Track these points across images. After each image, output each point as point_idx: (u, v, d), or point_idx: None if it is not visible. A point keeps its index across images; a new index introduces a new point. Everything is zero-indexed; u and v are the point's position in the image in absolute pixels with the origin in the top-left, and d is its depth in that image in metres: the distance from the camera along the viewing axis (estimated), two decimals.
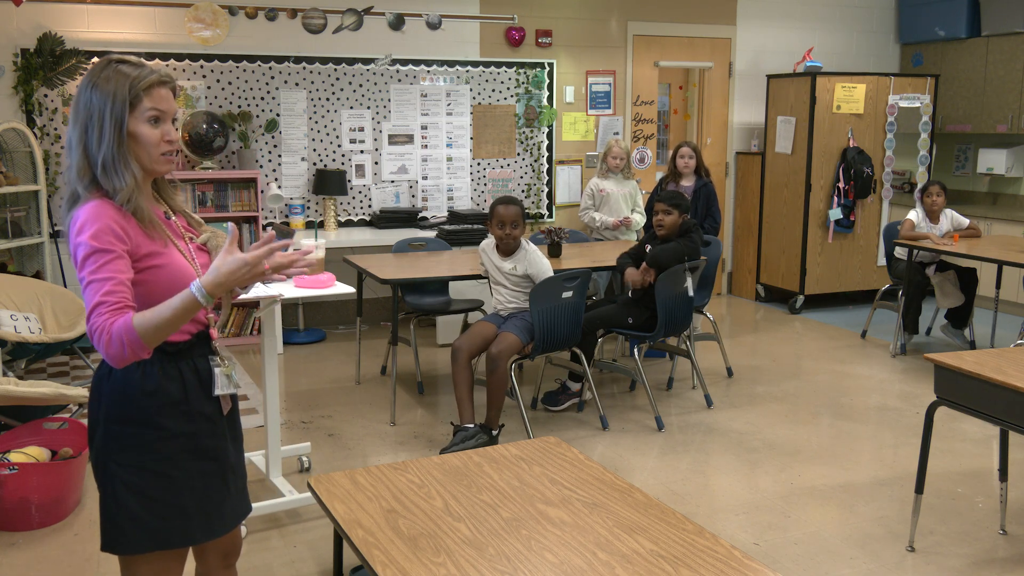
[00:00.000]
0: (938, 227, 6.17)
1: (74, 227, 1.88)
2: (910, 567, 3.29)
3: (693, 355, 5.24)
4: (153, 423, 1.98)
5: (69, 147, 1.95)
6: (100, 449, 1.98)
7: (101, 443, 1.97)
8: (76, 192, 1.94)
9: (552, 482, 2.44)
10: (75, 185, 1.94)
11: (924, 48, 8.34)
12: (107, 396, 1.97)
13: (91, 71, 1.96)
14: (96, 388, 2.00)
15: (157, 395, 1.98)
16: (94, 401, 2.00)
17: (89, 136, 1.92)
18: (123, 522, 1.98)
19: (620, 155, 6.23)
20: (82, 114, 1.92)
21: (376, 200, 6.90)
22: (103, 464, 1.98)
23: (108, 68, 1.94)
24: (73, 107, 1.94)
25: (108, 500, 1.98)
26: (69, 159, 1.94)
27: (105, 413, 1.97)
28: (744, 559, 2.01)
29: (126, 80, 1.93)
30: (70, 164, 1.94)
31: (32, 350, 4.88)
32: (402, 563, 2.00)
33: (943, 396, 3.21)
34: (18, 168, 5.76)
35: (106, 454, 1.97)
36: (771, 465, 4.24)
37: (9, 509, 3.47)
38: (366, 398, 5.22)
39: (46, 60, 5.88)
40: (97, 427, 1.99)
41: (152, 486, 1.98)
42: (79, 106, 1.93)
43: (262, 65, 6.44)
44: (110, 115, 1.91)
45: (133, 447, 1.96)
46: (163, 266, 1.95)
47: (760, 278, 7.89)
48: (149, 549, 2.00)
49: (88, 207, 1.89)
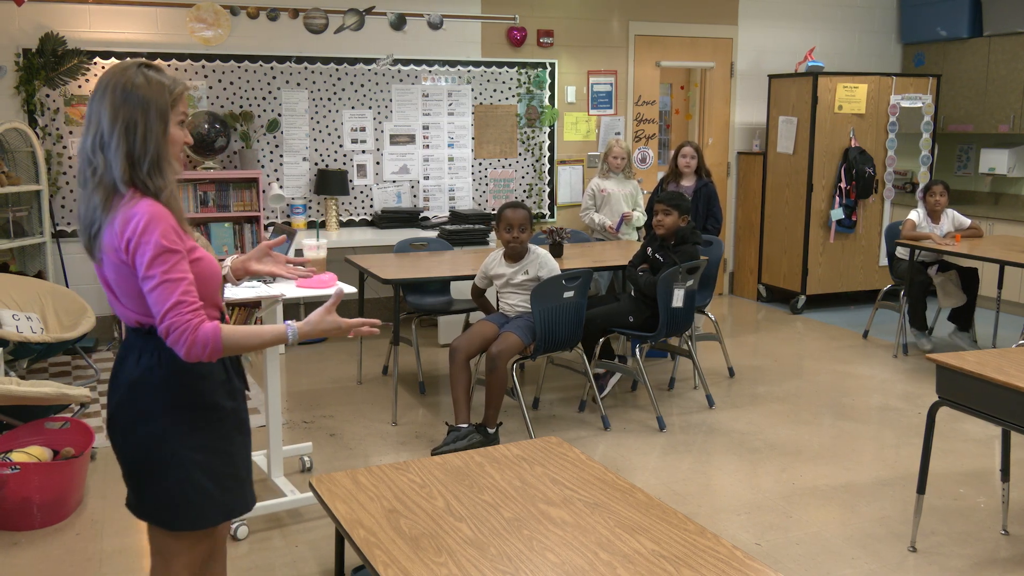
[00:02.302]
0: (939, 227, 6.16)
1: (134, 225, 1.94)
2: (912, 567, 3.29)
3: (695, 355, 5.23)
4: (211, 404, 2.10)
5: (102, 147, 1.99)
6: (162, 438, 2.05)
7: (164, 432, 2.05)
8: (115, 189, 1.99)
9: (554, 482, 2.44)
10: (114, 182, 1.98)
11: (926, 48, 8.34)
12: (162, 387, 2.05)
13: (118, 76, 2.02)
14: (142, 383, 2.06)
15: (209, 378, 2.10)
16: (144, 395, 2.06)
17: (133, 136, 1.98)
18: (198, 500, 2.08)
19: (621, 155, 6.23)
20: (122, 115, 1.98)
21: (378, 200, 6.91)
22: (171, 451, 2.05)
23: (139, 73, 2.02)
24: (107, 109, 1.99)
25: (181, 483, 2.07)
26: (101, 157, 1.99)
27: (164, 403, 2.05)
28: (746, 559, 2.01)
29: (164, 86, 2.04)
30: (107, 162, 1.98)
31: (34, 350, 4.89)
32: (404, 563, 2.01)
33: (945, 396, 3.21)
34: (20, 168, 5.76)
35: (175, 440, 2.06)
36: (773, 465, 4.24)
37: (11, 509, 3.48)
38: (368, 398, 5.22)
39: (48, 60, 5.88)
40: (154, 418, 2.05)
41: (219, 463, 2.11)
42: (116, 108, 1.99)
43: (264, 65, 6.44)
44: (157, 118, 2.01)
45: (200, 429, 2.08)
46: (201, 259, 2.06)
47: (762, 278, 7.88)
48: (221, 521, 2.14)
49: (145, 206, 1.97)
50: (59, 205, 6.05)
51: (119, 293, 2.05)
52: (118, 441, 2.12)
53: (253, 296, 3.39)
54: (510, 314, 4.64)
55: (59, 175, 6.02)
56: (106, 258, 2.01)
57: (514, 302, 4.62)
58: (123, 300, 2.06)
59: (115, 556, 3.34)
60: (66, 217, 6.08)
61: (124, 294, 2.04)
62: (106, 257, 2.01)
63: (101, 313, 6.08)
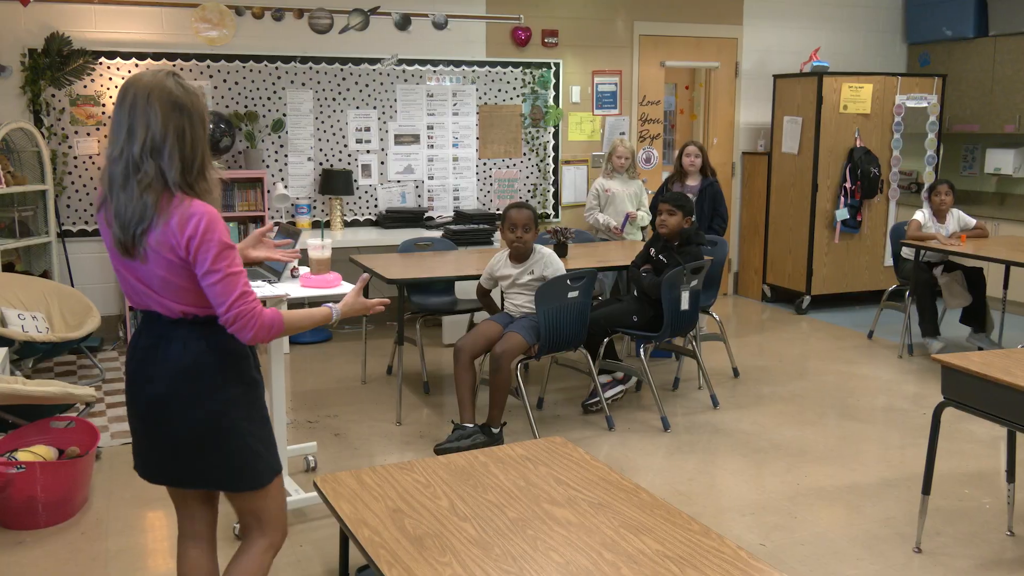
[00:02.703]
0: (945, 227, 6.15)
1: (195, 224, 2.10)
2: (917, 568, 3.28)
3: (699, 355, 5.23)
4: (251, 380, 2.33)
5: (153, 153, 2.11)
6: (223, 412, 2.25)
7: (223, 407, 2.25)
8: (167, 192, 2.12)
9: (558, 482, 2.44)
10: (167, 186, 2.12)
11: (931, 48, 8.32)
12: (216, 368, 2.24)
13: (158, 86, 2.13)
14: (198, 366, 2.22)
15: (248, 357, 2.33)
16: (200, 376, 2.22)
17: (183, 143, 2.13)
18: (253, 462, 2.31)
19: (625, 155, 6.23)
20: (172, 123, 2.12)
21: (382, 200, 6.91)
22: (230, 423, 2.26)
23: (177, 84, 2.16)
24: (158, 117, 2.11)
25: (240, 449, 2.29)
26: (152, 163, 2.11)
27: (220, 382, 2.25)
28: (750, 560, 2.01)
29: (198, 96, 2.20)
30: (160, 168, 2.11)
31: (39, 349, 4.90)
32: (408, 563, 2.01)
33: (950, 397, 3.20)
34: (25, 168, 5.77)
35: (232, 413, 2.27)
36: (777, 466, 4.24)
37: (16, 508, 3.48)
38: (372, 398, 5.22)
39: (53, 60, 5.89)
40: (213, 396, 2.24)
41: (263, 429, 2.36)
42: (167, 117, 2.12)
43: (268, 65, 6.45)
44: (200, 125, 2.18)
45: (249, 403, 2.31)
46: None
47: (766, 278, 7.87)
48: (271, 479, 2.37)
49: (201, 207, 2.13)
50: (64, 205, 6.06)
51: (165, 287, 2.17)
52: (175, 421, 2.23)
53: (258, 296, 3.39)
54: (515, 314, 4.64)
55: (64, 175, 6.03)
56: (154, 255, 2.12)
57: (520, 302, 4.62)
58: (168, 294, 2.18)
59: (120, 555, 3.35)
60: (71, 217, 6.09)
61: (173, 288, 2.17)
62: (154, 254, 2.12)
63: (106, 313, 6.10)
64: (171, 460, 2.28)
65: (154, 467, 2.32)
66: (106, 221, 2.20)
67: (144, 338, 2.27)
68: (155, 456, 2.30)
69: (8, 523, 3.52)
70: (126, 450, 4.26)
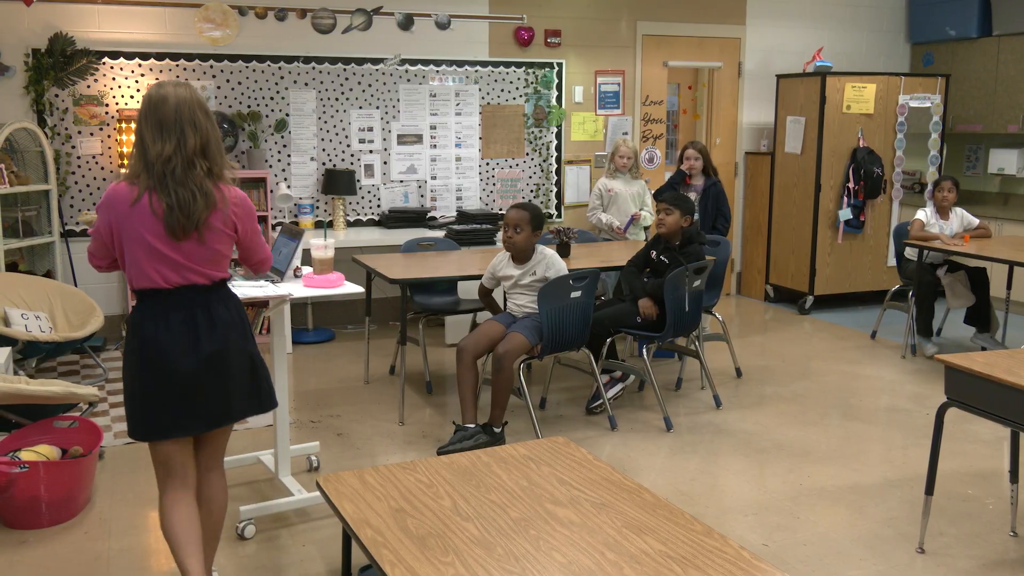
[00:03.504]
0: (948, 225, 6.14)
1: (243, 202, 2.75)
2: (920, 569, 3.28)
3: (702, 355, 5.23)
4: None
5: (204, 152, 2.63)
6: (256, 350, 2.84)
7: (255, 346, 2.84)
8: (213, 176, 2.65)
9: (561, 482, 2.44)
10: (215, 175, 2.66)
11: (935, 48, 8.31)
12: (246, 318, 2.83)
13: (196, 95, 2.65)
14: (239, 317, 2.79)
15: None
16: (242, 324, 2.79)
17: (218, 142, 2.68)
18: (271, 385, 2.92)
19: (627, 155, 6.23)
20: (211, 128, 2.65)
21: (385, 200, 6.91)
22: (260, 356, 2.86)
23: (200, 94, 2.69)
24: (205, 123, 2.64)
25: (268, 374, 2.88)
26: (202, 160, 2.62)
27: (249, 327, 2.83)
28: (753, 560, 2.01)
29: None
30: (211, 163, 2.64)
31: (43, 349, 4.91)
32: (410, 562, 2.01)
33: (953, 397, 3.20)
34: (29, 168, 5.78)
35: (256, 348, 2.85)
36: (780, 466, 4.23)
37: (19, 507, 3.49)
38: (375, 397, 5.23)
39: (57, 60, 5.90)
40: (250, 338, 2.82)
41: None
42: (211, 122, 2.66)
43: (272, 65, 6.45)
44: (217, 126, 2.71)
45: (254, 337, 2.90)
46: None
47: (769, 278, 7.87)
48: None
49: (238, 190, 2.75)
50: (68, 205, 6.07)
51: (215, 258, 2.69)
52: (234, 364, 2.74)
53: (261, 296, 3.40)
54: (518, 314, 4.64)
55: (68, 175, 6.04)
56: (211, 234, 2.64)
57: (522, 303, 4.62)
58: (213, 265, 2.70)
59: (123, 555, 3.35)
60: (75, 217, 6.10)
61: (220, 258, 2.71)
62: (211, 233, 2.64)
63: (109, 312, 6.10)
64: (227, 401, 2.74)
65: (204, 418, 2.73)
66: (152, 211, 2.57)
67: (179, 312, 2.66)
68: (213, 405, 2.72)
69: (11, 523, 3.53)
70: (129, 450, 4.27)
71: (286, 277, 3.62)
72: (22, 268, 5.84)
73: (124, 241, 2.63)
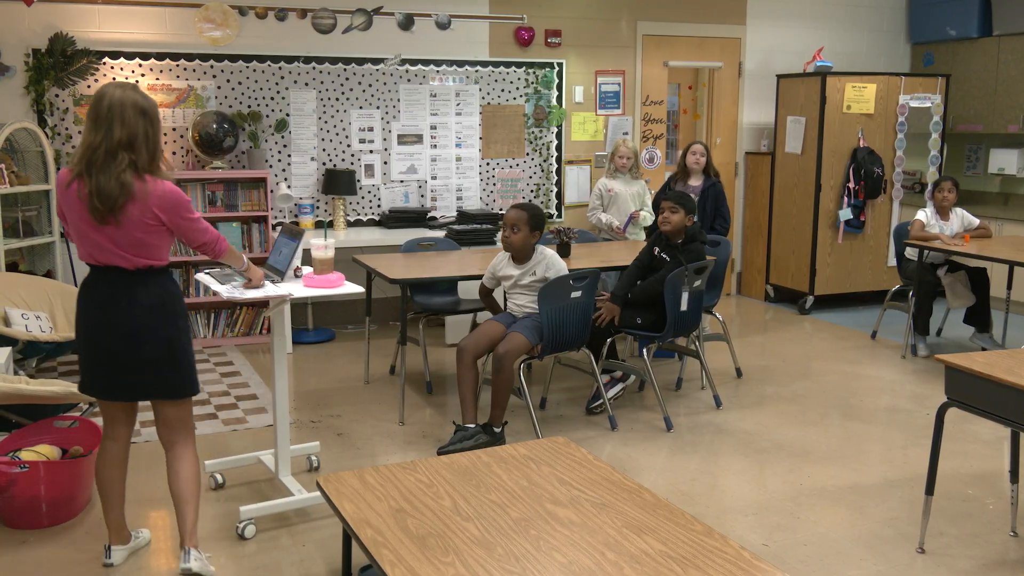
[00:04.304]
0: (949, 225, 6.14)
1: (171, 195, 2.92)
2: (920, 569, 3.28)
3: (702, 355, 5.23)
4: (185, 312, 3.13)
5: (130, 146, 2.85)
6: (176, 337, 3.03)
7: (176, 333, 3.03)
8: (138, 173, 2.86)
9: (561, 482, 2.44)
10: (138, 168, 2.87)
11: (935, 48, 8.31)
12: (170, 304, 3.02)
13: (133, 95, 2.89)
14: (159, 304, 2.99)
15: (182, 295, 3.13)
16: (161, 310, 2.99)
17: (149, 140, 2.89)
18: (194, 376, 3.12)
19: (627, 155, 6.23)
20: (141, 125, 2.87)
21: (385, 200, 6.91)
22: (181, 345, 3.05)
23: (142, 95, 2.91)
24: (133, 119, 2.85)
25: (188, 366, 3.08)
26: (126, 154, 2.84)
27: (173, 314, 3.03)
28: (753, 560, 2.01)
29: (155, 104, 2.97)
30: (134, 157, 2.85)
31: (43, 349, 4.91)
32: (411, 562, 2.01)
33: (954, 397, 3.20)
34: (29, 168, 5.78)
35: (183, 337, 3.06)
36: (780, 466, 4.23)
37: (20, 507, 3.49)
38: (375, 397, 5.23)
39: (57, 60, 5.90)
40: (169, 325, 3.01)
41: (193, 353, 3.15)
42: (138, 119, 2.86)
43: (272, 65, 6.45)
44: (159, 127, 2.95)
45: (188, 331, 3.12)
46: None
47: (770, 278, 7.87)
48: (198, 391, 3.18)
49: (169, 184, 2.94)
50: None
51: (136, 245, 2.91)
52: (139, 347, 2.97)
53: (261, 296, 3.40)
54: (518, 314, 4.64)
55: None
56: (130, 221, 2.86)
57: (522, 303, 4.62)
58: (135, 251, 2.92)
59: None
60: None
61: (143, 245, 2.92)
62: (130, 221, 2.86)
63: None
64: (138, 377, 3.00)
65: (120, 388, 3.03)
66: (78, 195, 2.88)
67: (102, 289, 2.97)
68: (125, 378, 3.00)
69: (11, 522, 3.53)
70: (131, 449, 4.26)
71: (286, 277, 3.62)
72: (22, 268, 5.84)
73: (67, 220, 3.02)
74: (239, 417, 4.83)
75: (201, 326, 6.29)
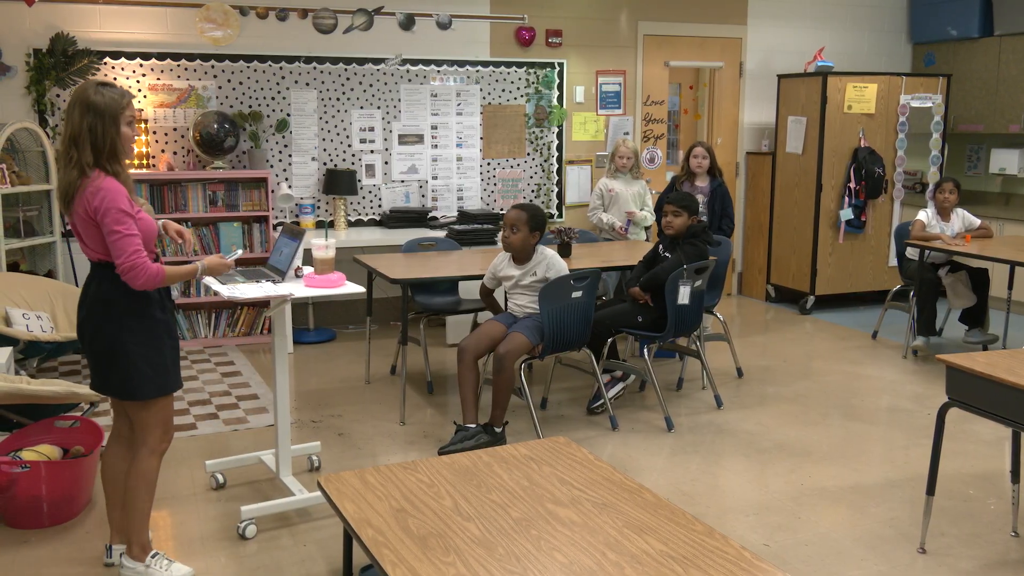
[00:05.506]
0: (950, 226, 6.14)
1: (101, 196, 2.82)
2: (921, 569, 3.28)
3: (703, 355, 5.23)
4: (153, 317, 3.00)
5: (75, 143, 2.86)
6: (117, 336, 2.93)
7: (120, 333, 2.94)
8: (83, 169, 2.85)
9: (562, 482, 2.44)
10: (84, 166, 2.85)
11: (936, 48, 8.30)
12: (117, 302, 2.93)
13: (82, 93, 2.87)
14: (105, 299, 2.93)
15: (150, 298, 2.99)
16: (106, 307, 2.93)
17: (95, 136, 2.85)
18: (141, 381, 2.97)
19: (627, 155, 6.23)
20: (87, 122, 2.85)
21: (386, 200, 6.91)
22: (123, 345, 2.94)
23: (97, 92, 2.86)
24: (78, 117, 2.85)
25: (130, 368, 2.95)
26: (75, 150, 2.86)
27: (118, 312, 2.93)
28: (754, 560, 2.01)
29: (114, 100, 2.89)
30: (79, 153, 2.85)
31: (44, 349, 4.91)
32: (412, 562, 2.01)
33: (955, 397, 3.20)
34: (30, 168, 5.78)
35: (128, 338, 2.94)
36: (781, 466, 4.23)
37: (21, 507, 3.49)
38: (376, 397, 5.23)
39: (58, 60, 5.90)
40: (112, 322, 2.93)
41: (157, 356, 3.00)
42: (83, 116, 2.85)
43: (273, 65, 6.45)
44: (113, 124, 2.88)
45: (145, 332, 2.98)
46: (143, 219, 2.93)
47: (770, 278, 7.86)
48: (155, 395, 3.02)
49: (108, 183, 2.85)
50: None
51: (87, 239, 2.91)
52: (87, 340, 2.98)
53: (262, 296, 3.40)
54: (519, 314, 4.64)
55: None
56: (77, 216, 2.87)
57: (523, 303, 4.62)
58: (89, 244, 2.92)
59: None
60: None
61: (90, 239, 2.90)
62: (76, 215, 2.87)
63: None
64: (93, 371, 3.04)
65: (92, 380, 3.07)
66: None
67: (88, 277, 3.01)
68: (90, 370, 3.05)
69: (13, 522, 3.53)
70: None
71: (287, 277, 3.62)
72: (23, 268, 5.84)
73: None
74: (240, 417, 4.83)
75: (202, 326, 6.30)
